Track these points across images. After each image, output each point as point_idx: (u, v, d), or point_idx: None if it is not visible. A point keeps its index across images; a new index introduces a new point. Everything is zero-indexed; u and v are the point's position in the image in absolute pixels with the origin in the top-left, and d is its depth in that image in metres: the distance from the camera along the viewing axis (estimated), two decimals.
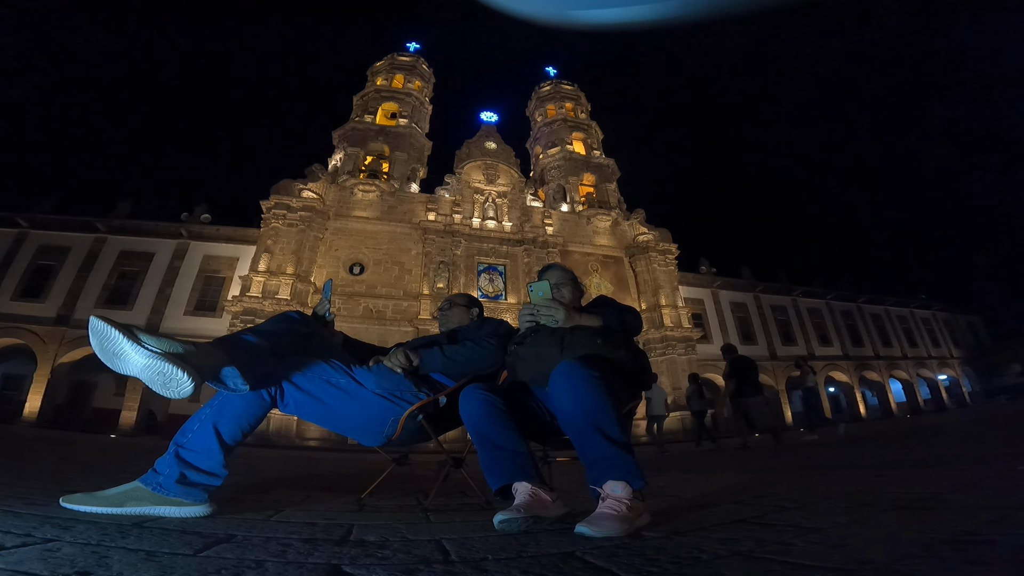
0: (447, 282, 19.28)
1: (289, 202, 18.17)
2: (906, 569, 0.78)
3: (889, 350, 29.90)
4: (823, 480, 2.38)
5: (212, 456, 1.44)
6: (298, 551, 1.02)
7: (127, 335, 1.21)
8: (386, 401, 1.62)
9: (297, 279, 17.28)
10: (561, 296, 1.74)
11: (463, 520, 1.51)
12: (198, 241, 19.90)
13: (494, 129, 25.35)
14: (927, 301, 33.69)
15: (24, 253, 18.53)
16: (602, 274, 22.10)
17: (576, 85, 29.74)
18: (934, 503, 1.42)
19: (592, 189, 25.09)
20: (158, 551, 0.97)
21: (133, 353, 1.20)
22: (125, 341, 1.20)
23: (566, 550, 1.02)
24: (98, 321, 1.22)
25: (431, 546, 1.10)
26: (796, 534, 1.10)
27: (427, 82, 27.09)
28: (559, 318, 1.61)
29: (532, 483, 1.37)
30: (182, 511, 1.36)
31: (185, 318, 18.34)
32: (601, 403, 1.34)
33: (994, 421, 7.46)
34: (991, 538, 0.95)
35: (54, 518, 1.21)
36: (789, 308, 27.92)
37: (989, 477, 1.97)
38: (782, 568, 0.84)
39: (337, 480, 3.16)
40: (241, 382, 1.34)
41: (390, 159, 22.60)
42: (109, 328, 1.22)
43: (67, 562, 0.85)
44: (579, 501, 1.65)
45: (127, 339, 1.20)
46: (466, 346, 1.82)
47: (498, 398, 1.50)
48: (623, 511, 1.19)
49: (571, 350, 1.53)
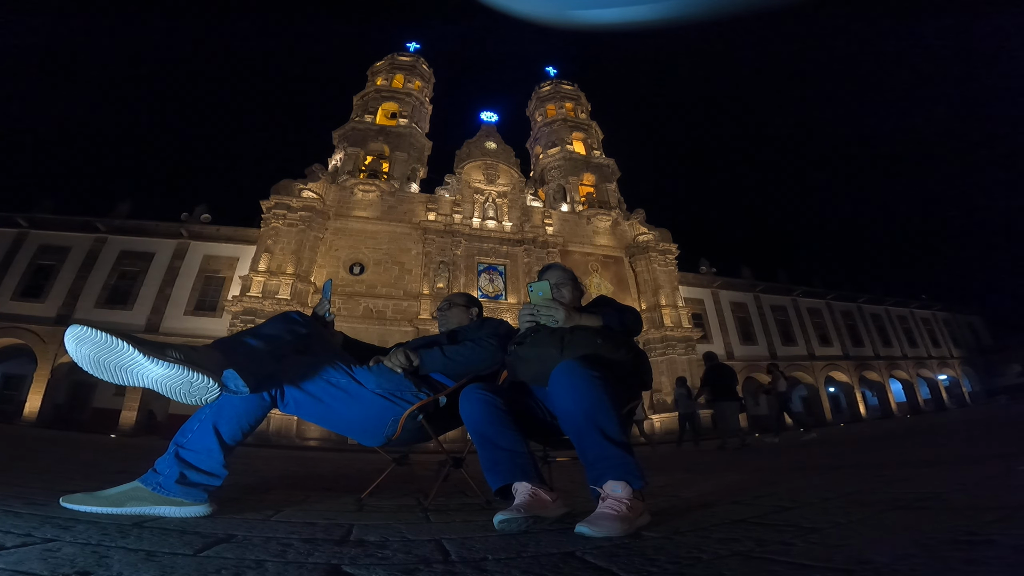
0: (447, 282, 19.28)
1: (289, 202, 18.18)
2: (906, 569, 0.78)
3: (889, 350, 29.90)
4: (823, 480, 2.38)
5: (212, 456, 1.44)
6: (298, 551, 1.02)
7: (138, 346, 1.11)
8: (386, 401, 1.62)
9: (297, 279, 17.28)
10: (561, 296, 1.74)
11: (463, 520, 1.51)
12: (198, 241, 19.91)
13: (494, 129, 25.35)
14: (927, 301, 33.68)
15: (24, 253, 18.53)
16: (602, 274, 22.11)
17: (576, 85, 29.74)
18: (934, 503, 1.42)
19: (592, 189, 25.09)
20: (158, 551, 0.97)
21: (150, 365, 1.12)
22: (136, 353, 1.11)
23: (566, 550, 1.02)
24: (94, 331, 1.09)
25: (431, 546, 1.10)
26: (796, 534, 1.10)
27: (427, 82, 27.10)
28: (559, 318, 1.61)
29: (532, 483, 1.37)
30: (182, 511, 1.36)
31: (185, 318, 18.35)
32: (601, 403, 1.34)
33: (994, 421, 7.46)
34: (991, 538, 0.95)
35: (54, 518, 1.21)
36: (789, 308, 27.92)
37: (989, 477, 1.97)
38: (782, 568, 0.84)
39: (337, 480, 3.16)
40: (242, 384, 1.34)
41: (390, 159, 22.60)
42: (112, 339, 1.10)
43: (67, 562, 0.85)
44: (579, 501, 1.65)
45: (136, 350, 1.11)
46: (466, 346, 1.82)
47: (498, 398, 1.50)
48: (623, 511, 1.19)
49: (571, 350, 1.53)
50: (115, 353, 1.11)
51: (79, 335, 1.09)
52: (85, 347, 1.10)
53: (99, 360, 1.11)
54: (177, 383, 1.16)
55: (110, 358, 1.12)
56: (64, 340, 1.10)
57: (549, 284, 1.68)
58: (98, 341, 1.10)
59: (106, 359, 1.12)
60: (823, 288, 29.85)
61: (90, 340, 1.10)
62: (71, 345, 1.09)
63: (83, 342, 1.10)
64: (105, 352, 1.11)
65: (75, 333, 1.09)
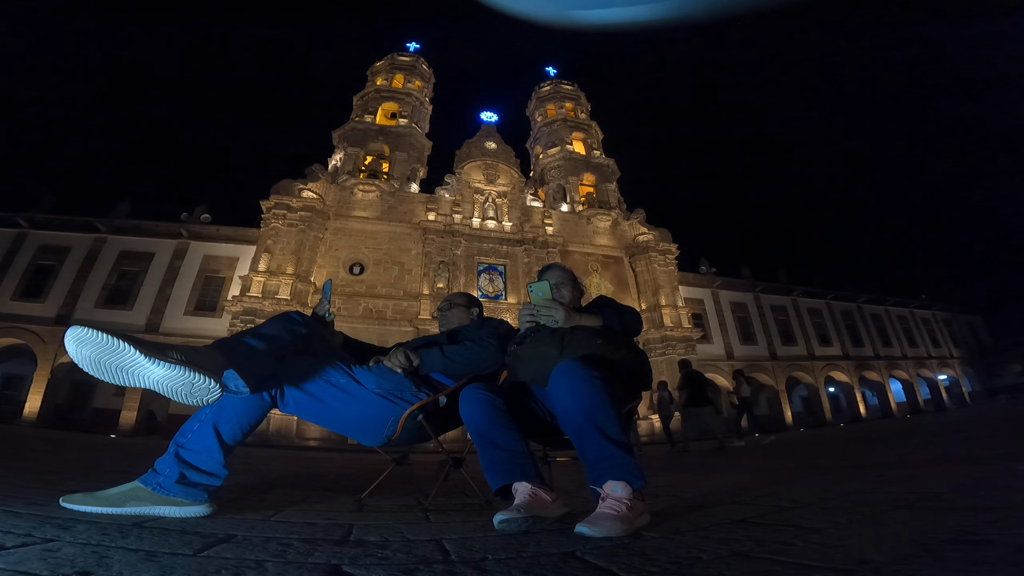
0: (447, 282, 19.28)
1: (289, 202, 18.18)
2: (906, 569, 0.78)
3: (889, 350, 29.90)
4: (823, 480, 2.38)
5: (212, 456, 1.44)
6: (298, 551, 1.02)
7: (139, 347, 1.10)
8: (386, 401, 1.62)
9: (297, 279, 17.28)
10: (561, 296, 1.74)
11: (463, 520, 1.51)
12: (198, 241, 19.90)
13: (494, 129, 25.35)
14: (927, 301, 33.68)
15: (24, 253, 18.52)
16: (602, 274, 22.11)
17: (576, 85, 29.74)
18: (934, 503, 1.42)
19: (592, 189, 25.09)
20: (158, 551, 0.97)
21: (151, 366, 1.11)
22: (137, 354, 1.10)
23: (566, 550, 1.02)
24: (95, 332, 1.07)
25: (431, 546, 1.10)
26: (796, 534, 1.10)
27: (427, 82, 27.09)
28: (559, 318, 1.61)
29: (532, 483, 1.37)
30: (182, 511, 1.36)
31: (185, 318, 18.34)
32: (601, 403, 1.34)
33: (994, 421, 7.46)
34: (991, 538, 0.95)
35: (54, 518, 1.21)
36: (789, 308, 27.92)
37: (989, 477, 1.97)
38: (782, 568, 0.84)
39: (337, 480, 3.16)
40: (242, 384, 1.34)
41: (390, 159, 22.60)
42: (114, 341, 1.08)
43: (67, 562, 0.85)
44: (579, 501, 1.65)
45: (137, 351, 1.10)
46: (466, 346, 1.82)
47: (498, 398, 1.50)
48: (623, 511, 1.19)
49: (571, 350, 1.53)
50: (116, 354, 1.10)
51: (80, 336, 1.08)
52: (86, 348, 1.09)
53: (100, 361, 1.10)
54: (179, 384, 1.16)
55: (111, 359, 1.11)
56: (64, 341, 1.09)
57: (549, 284, 1.68)
58: (99, 342, 1.09)
59: (107, 360, 1.11)
60: (823, 288, 29.84)
61: (91, 341, 1.09)
62: (71, 346, 1.08)
63: (84, 343, 1.09)
64: (106, 353, 1.10)
65: (75, 334, 1.08)
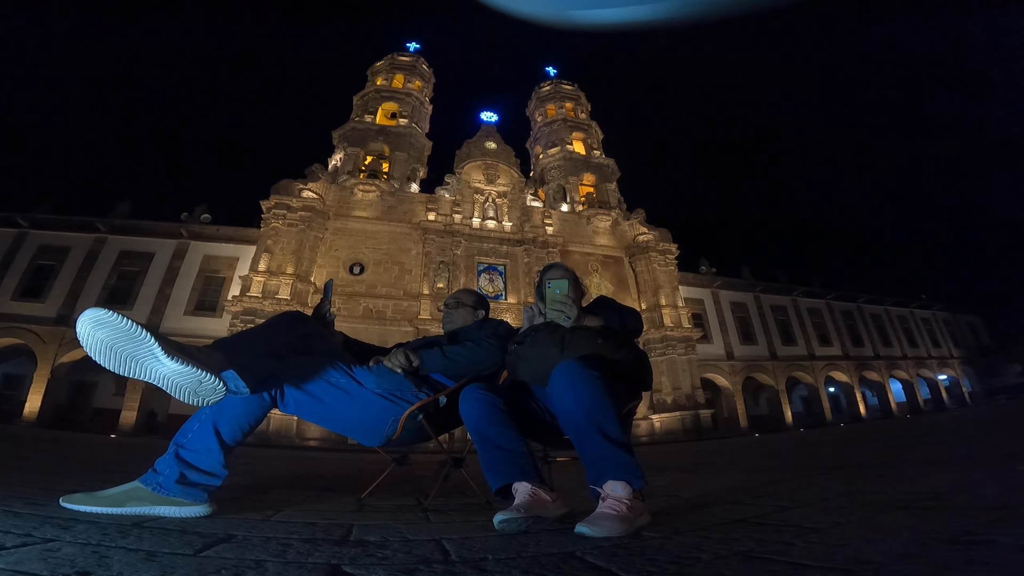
0: (447, 282, 19.29)
1: (289, 202, 18.17)
2: (906, 569, 0.78)
3: (889, 350, 29.90)
4: (823, 480, 2.38)
5: (212, 456, 1.44)
6: (298, 551, 1.02)
7: (158, 340, 1.07)
8: (386, 401, 1.62)
9: (297, 279, 17.27)
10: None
11: (463, 520, 1.51)
12: (198, 241, 19.90)
13: (494, 129, 25.34)
14: (927, 301, 33.68)
15: (24, 253, 18.52)
16: (602, 274, 22.10)
17: (576, 85, 29.72)
18: (934, 503, 1.42)
19: (592, 189, 25.09)
20: (158, 551, 0.97)
21: (166, 360, 1.09)
22: (156, 346, 1.07)
23: (566, 550, 1.02)
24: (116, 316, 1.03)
25: (431, 546, 1.10)
26: (796, 534, 1.10)
27: (427, 82, 27.08)
28: (571, 315, 1.62)
29: (532, 483, 1.36)
30: (182, 511, 1.36)
31: (185, 318, 18.34)
32: (601, 403, 1.34)
33: (994, 421, 7.46)
34: (991, 538, 0.95)
35: (54, 518, 1.21)
36: (789, 308, 27.91)
37: (989, 477, 1.97)
38: (782, 568, 0.84)
39: (337, 480, 3.16)
40: (242, 384, 1.34)
41: (390, 159, 22.59)
42: (135, 327, 1.05)
43: (67, 562, 0.85)
44: (579, 501, 1.65)
45: (157, 343, 1.08)
46: (466, 346, 1.82)
47: (498, 398, 1.50)
48: (623, 511, 1.19)
49: (572, 350, 1.53)
50: (134, 342, 1.07)
51: (99, 318, 1.04)
52: (103, 331, 1.05)
53: (113, 347, 1.07)
54: (187, 381, 1.16)
55: (127, 347, 1.08)
56: (77, 323, 1.05)
57: (568, 282, 1.68)
58: (119, 326, 1.05)
59: (121, 347, 1.08)
60: (823, 288, 29.84)
61: (111, 324, 1.05)
62: (87, 327, 1.04)
63: (102, 325, 1.05)
64: (123, 339, 1.07)
65: (95, 315, 1.04)
